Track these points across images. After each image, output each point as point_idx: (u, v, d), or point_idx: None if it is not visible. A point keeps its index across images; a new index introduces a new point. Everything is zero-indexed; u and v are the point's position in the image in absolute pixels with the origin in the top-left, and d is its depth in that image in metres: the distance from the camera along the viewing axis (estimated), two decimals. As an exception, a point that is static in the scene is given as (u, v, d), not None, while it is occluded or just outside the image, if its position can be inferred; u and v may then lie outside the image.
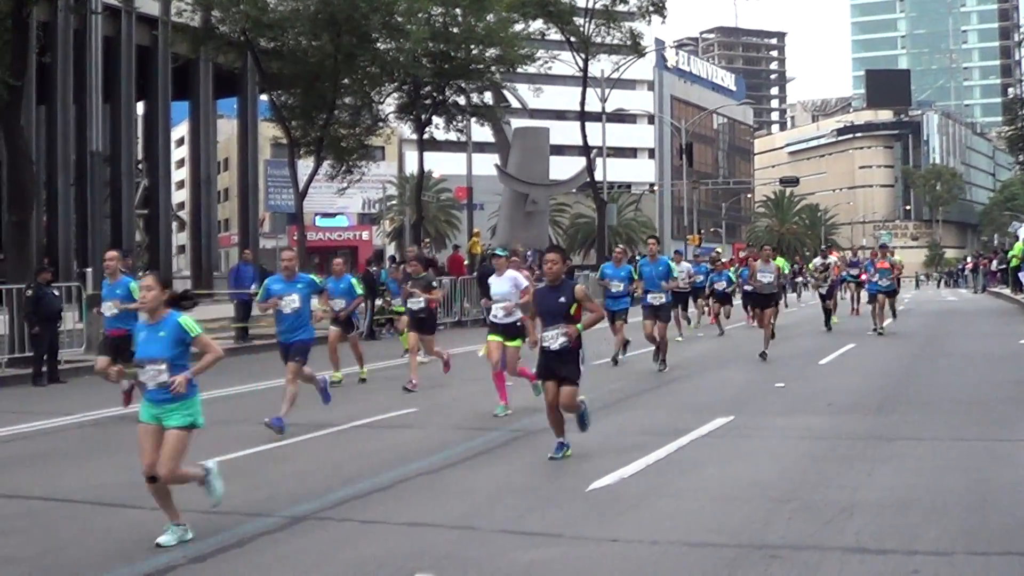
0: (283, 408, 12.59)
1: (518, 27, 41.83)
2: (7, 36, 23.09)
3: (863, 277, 29.68)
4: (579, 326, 10.34)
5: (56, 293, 20.57)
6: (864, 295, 33.68)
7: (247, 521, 8.32)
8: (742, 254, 35.99)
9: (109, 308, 15.02)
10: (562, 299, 10.37)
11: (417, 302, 17.12)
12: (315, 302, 14.73)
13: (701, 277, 29.14)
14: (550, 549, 7.37)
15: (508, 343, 13.98)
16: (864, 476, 9.48)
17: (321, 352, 17.33)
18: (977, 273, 62.10)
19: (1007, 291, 46.78)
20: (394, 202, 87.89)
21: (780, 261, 31.22)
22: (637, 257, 28.18)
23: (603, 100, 55.75)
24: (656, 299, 19.11)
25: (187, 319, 7.82)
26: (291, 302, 13.18)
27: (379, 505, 8.82)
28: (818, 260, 31.43)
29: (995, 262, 58.72)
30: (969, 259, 76.46)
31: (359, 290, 18.91)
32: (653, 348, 19.31)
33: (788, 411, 13.76)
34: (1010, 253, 47.62)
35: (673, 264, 20.38)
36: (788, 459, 10.50)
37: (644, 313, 19.35)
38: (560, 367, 10.37)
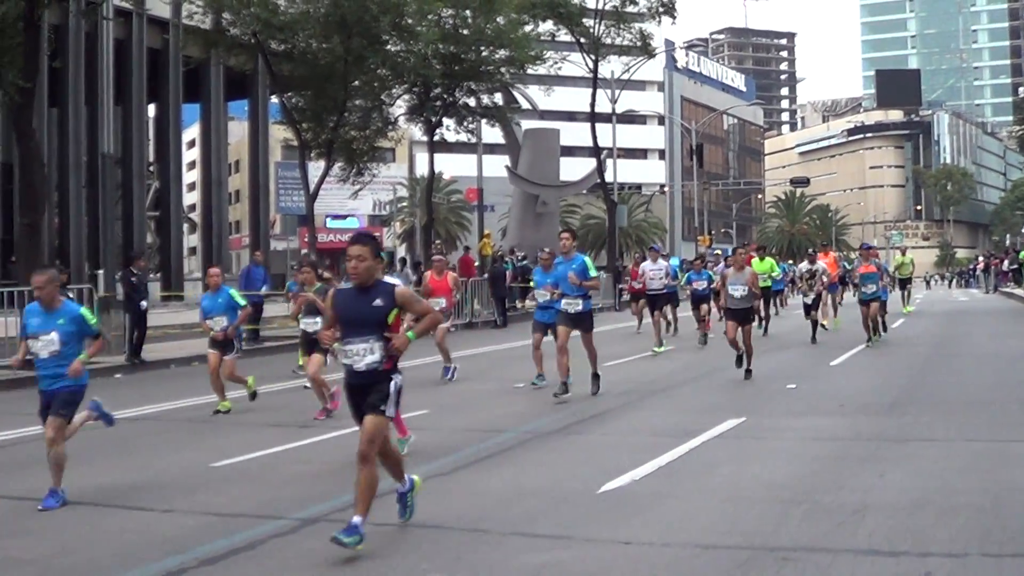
0: (53, 479, 9.62)
1: (528, 28, 41.83)
2: (19, 38, 23.14)
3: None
4: (409, 334, 7.86)
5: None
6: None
7: (258, 523, 8.32)
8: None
9: None
10: (377, 302, 7.75)
11: (313, 323, 14.64)
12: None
13: (670, 281, 25.39)
14: (562, 551, 7.36)
15: None
16: (876, 477, 9.46)
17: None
18: (988, 273, 61.93)
19: (1019, 291, 46.71)
20: (405, 204, 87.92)
21: (766, 265, 28.68)
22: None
23: (613, 101, 55.72)
24: (571, 305, 15.49)
25: None
26: (48, 343, 9.81)
27: (391, 507, 8.80)
28: (804, 265, 27.24)
29: (1006, 262, 58.61)
30: (980, 259, 76.23)
31: (241, 301, 15.47)
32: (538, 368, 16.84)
33: (799, 412, 13.73)
34: (1022, 253, 47.53)
35: (589, 261, 16.09)
36: (800, 460, 10.48)
37: (558, 320, 15.84)
38: (367, 394, 7.77)
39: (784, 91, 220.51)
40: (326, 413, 13.92)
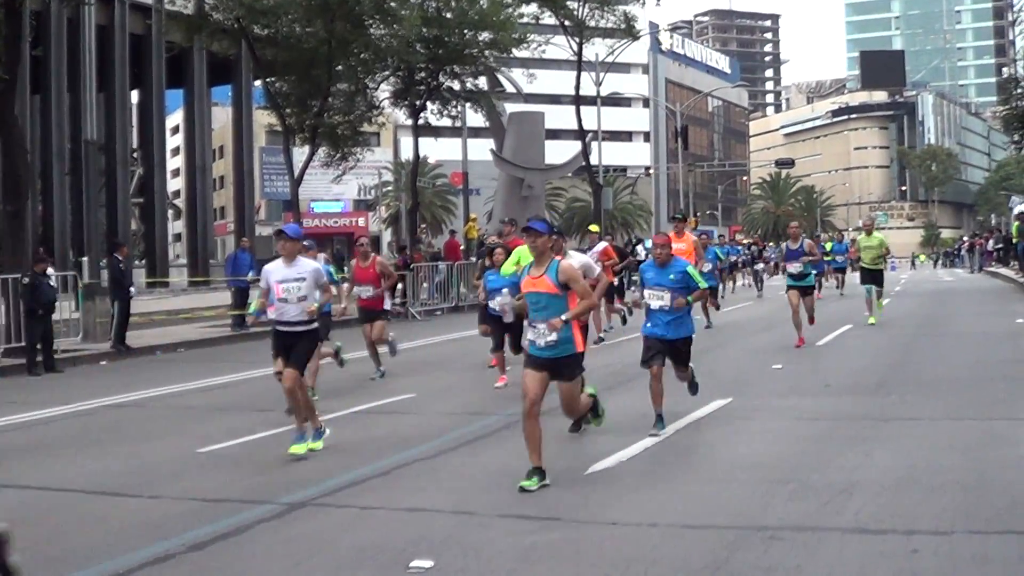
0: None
1: (511, 11, 41.67)
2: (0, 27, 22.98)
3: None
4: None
5: (52, 283, 20.54)
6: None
7: (245, 508, 8.30)
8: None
9: None
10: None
11: None
12: None
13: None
14: (549, 533, 7.36)
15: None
16: (862, 456, 9.48)
17: None
18: (973, 253, 62.14)
19: (1004, 270, 46.79)
20: (390, 188, 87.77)
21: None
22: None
23: (598, 84, 55.64)
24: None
25: None
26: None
27: (378, 491, 8.81)
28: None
29: (991, 241, 58.78)
30: (965, 239, 76.47)
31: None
32: None
33: (786, 393, 13.75)
34: (1015, 227, 47.57)
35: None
36: (786, 440, 10.50)
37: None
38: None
39: (769, 73, 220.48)
40: None
